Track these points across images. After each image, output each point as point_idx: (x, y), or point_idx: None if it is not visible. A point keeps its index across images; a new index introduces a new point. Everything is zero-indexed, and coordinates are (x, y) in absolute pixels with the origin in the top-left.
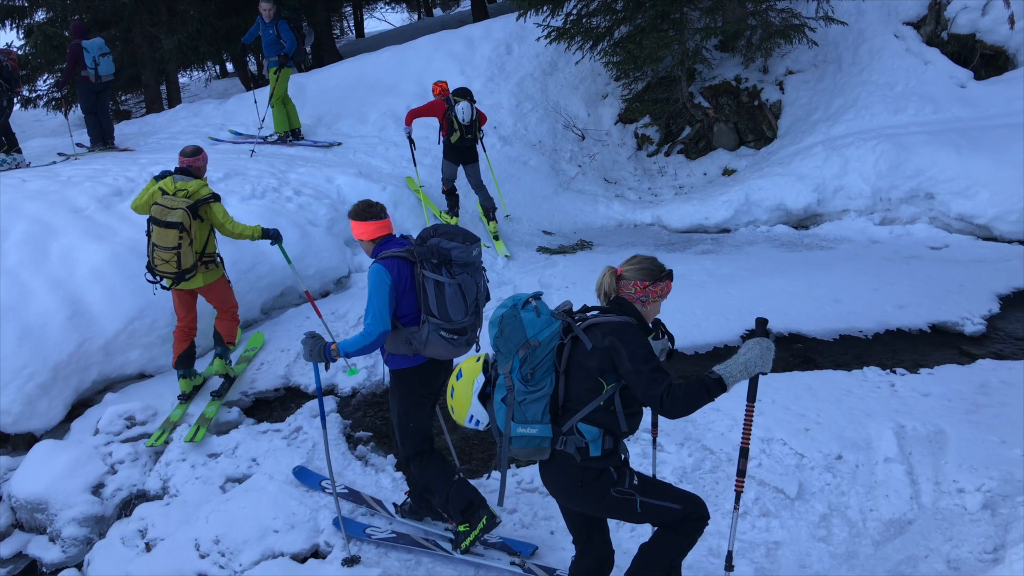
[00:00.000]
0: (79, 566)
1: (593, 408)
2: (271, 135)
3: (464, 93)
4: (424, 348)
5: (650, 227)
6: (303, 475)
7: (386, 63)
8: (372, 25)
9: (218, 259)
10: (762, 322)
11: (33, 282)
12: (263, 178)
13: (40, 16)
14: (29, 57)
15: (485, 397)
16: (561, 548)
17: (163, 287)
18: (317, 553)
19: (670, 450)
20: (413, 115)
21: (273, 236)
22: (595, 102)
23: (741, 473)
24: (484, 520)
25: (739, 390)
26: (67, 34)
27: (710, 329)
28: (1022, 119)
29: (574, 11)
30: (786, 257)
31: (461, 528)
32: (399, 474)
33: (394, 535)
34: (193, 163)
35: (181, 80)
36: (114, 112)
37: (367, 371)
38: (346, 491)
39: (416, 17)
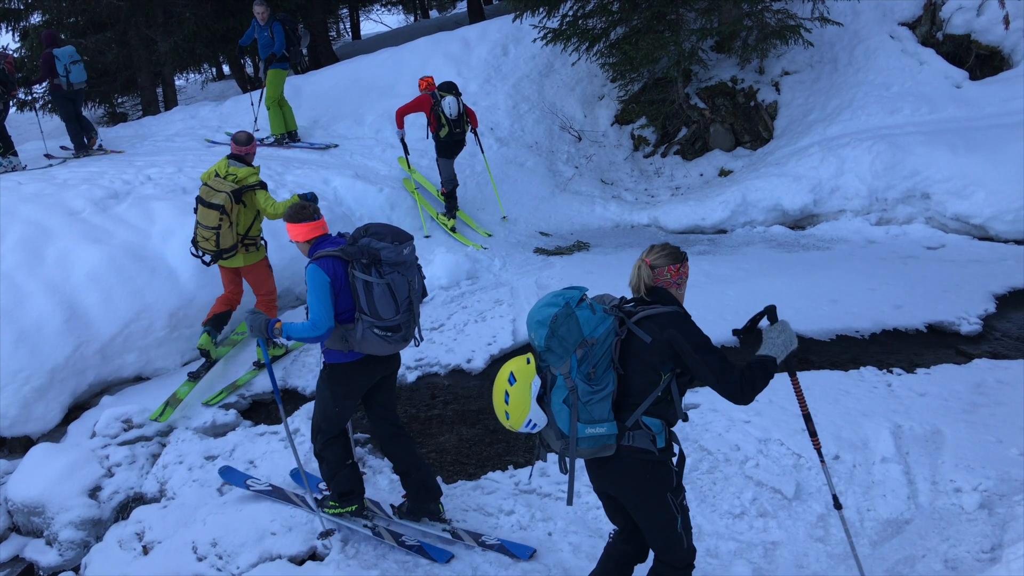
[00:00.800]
0: (76, 569)
1: (653, 400)
2: (267, 137)
3: (450, 87)
4: (359, 345)
5: (647, 228)
6: (300, 478)
7: (382, 65)
8: (368, 27)
9: (261, 242)
10: (772, 308)
11: (29, 285)
12: None
13: (36, 19)
14: (25, 60)
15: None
16: (559, 550)
17: (205, 263)
18: (315, 555)
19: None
20: (402, 113)
21: (311, 200)
22: (591, 103)
23: (813, 434)
24: (353, 507)
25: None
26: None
27: (707, 330)
28: (1018, 119)
29: (570, 12)
30: (783, 258)
31: (331, 502)
32: (397, 476)
33: (270, 487)
34: (248, 151)
35: (177, 82)
36: (110, 115)
37: None
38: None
39: (412, 19)
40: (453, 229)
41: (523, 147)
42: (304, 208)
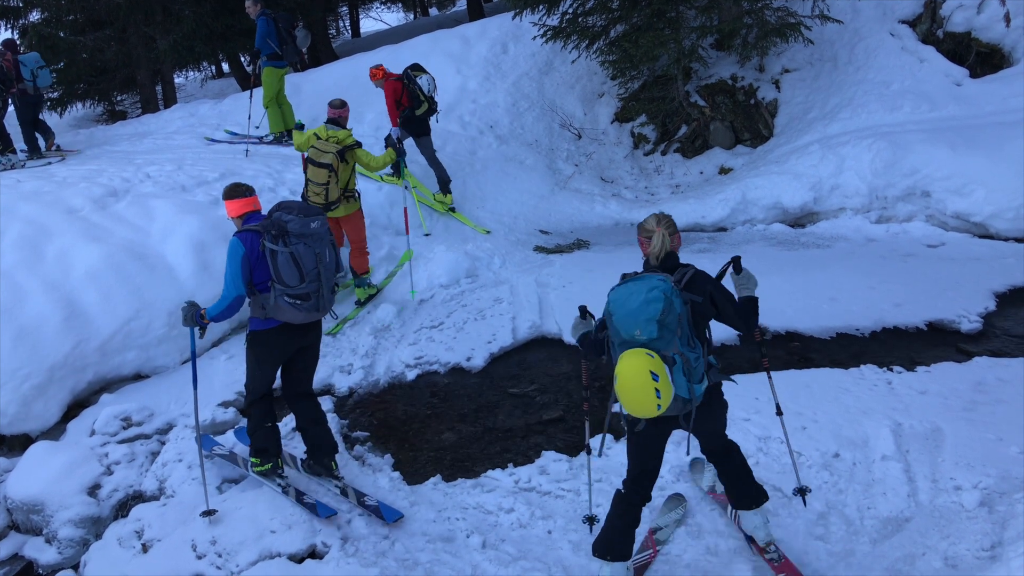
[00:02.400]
0: (76, 567)
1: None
2: (267, 135)
3: (421, 67)
4: (273, 311)
5: None
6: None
7: (382, 63)
8: (368, 25)
9: (356, 194)
10: (738, 259)
11: (28, 283)
12: (259, 178)
13: (35, 16)
14: None
15: None
16: (559, 548)
17: None
18: (314, 553)
19: (668, 448)
20: (393, 112)
21: (399, 151)
22: (591, 101)
23: (779, 412)
24: (269, 466)
25: (740, 392)
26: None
27: None
28: (1018, 117)
29: (570, 10)
30: (783, 255)
31: (253, 459)
32: (396, 473)
33: (229, 452)
34: (341, 114)
35: (177, 80)
36: (109, 112)
37: (364, 371)
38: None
39: (412, 16)
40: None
41: (523, 145)
42: (239, 186)
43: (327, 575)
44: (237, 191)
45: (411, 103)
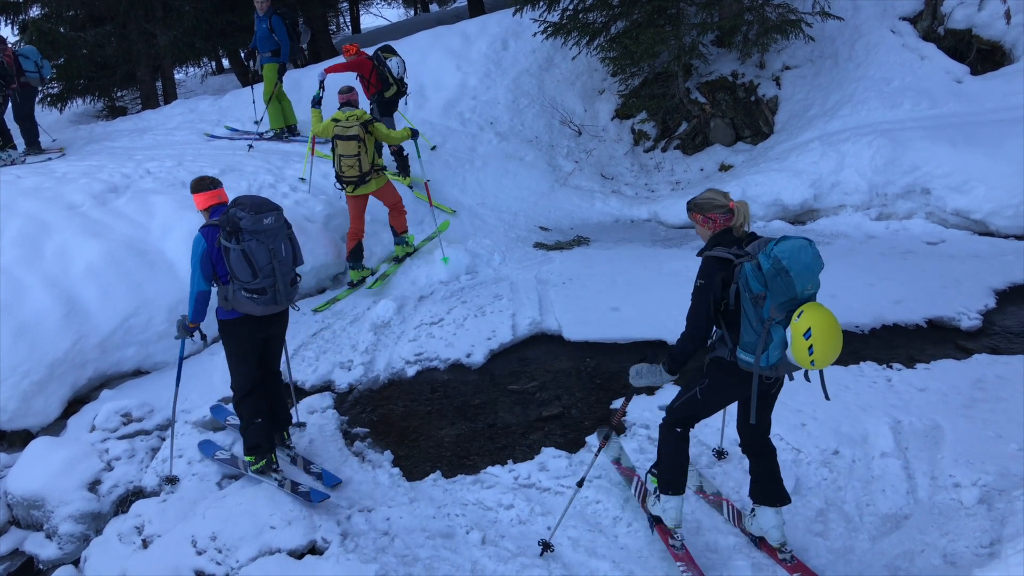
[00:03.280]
0: (76, 563)
1: None
2: (267, 131)
3: (392, 50)
4: (234, 303)
5: (647, 223)
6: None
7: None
8: (368, 21)
9: (384, 167)
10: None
11: (28, 280)
12: (259, 174)
13: (35, 12)
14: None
15: None
16: (558, 544)
17: (349, 192)
18: (314, 549)
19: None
20: (330, 71)
21: (414, 133)
22: (592, 98)
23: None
24: (263, 462)
25: None
26: None
27: None
28: (1018, 114)
29: (570, 6)
30: None
31: (247, 457)
32: (396, 470)
33: (229, 455)
34: (351, 98)
35: (177, 76)
36: (109, 108)
37: (364, 367)
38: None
39: (412, 13)
40: (411, 187)
41: (523, 142)
42: (203, 179)
43: (327, 571)
44: (202, 184)
45: (380, 85)
